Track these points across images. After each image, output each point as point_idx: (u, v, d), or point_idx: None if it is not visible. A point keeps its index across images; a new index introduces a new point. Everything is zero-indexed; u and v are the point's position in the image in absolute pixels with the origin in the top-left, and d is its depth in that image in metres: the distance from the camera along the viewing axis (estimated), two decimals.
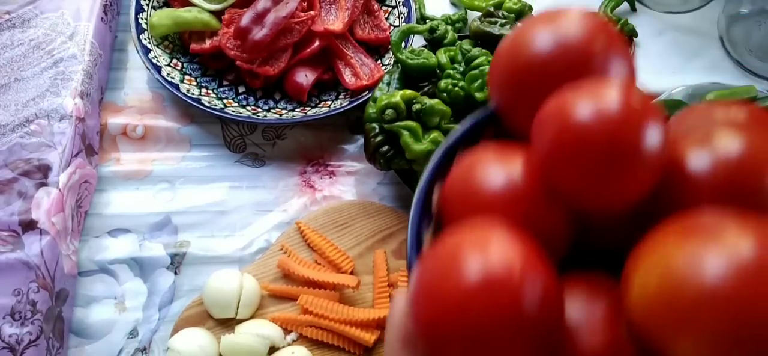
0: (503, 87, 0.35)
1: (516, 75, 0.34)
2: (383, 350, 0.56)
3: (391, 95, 0.59)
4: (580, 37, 0.33)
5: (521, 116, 0.34)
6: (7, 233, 0.54)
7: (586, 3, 0.84)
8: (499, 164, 0.32)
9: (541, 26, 0.34)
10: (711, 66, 0.80)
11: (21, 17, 0.68)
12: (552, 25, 0.34)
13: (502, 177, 0.32)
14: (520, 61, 0.34)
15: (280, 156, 0.69)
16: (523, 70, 0.33)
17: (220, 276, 0.57)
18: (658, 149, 0.28)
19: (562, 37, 0.33)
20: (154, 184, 0.66)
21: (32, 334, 0.52)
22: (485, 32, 0.65)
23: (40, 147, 0.59)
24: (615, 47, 0.33)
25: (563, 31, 0.33)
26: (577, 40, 0.33)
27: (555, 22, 0.34)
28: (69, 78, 0.64)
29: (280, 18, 0.68)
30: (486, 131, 0.38)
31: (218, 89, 0.71)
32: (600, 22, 0.34)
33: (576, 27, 0.33)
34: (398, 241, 0.63)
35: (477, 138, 0.38)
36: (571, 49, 0.32)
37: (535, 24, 0.35)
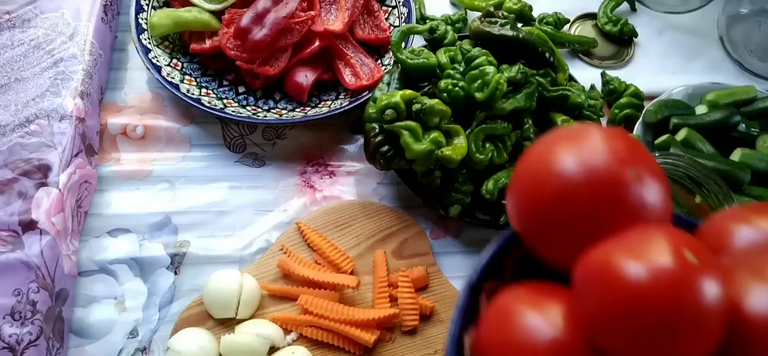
0: (528, 217, 0.33)
1: (542, 206, 0.32)
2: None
3: (391, 95, 0.59)
4: (608, 163, 0.30)
5: (551, 249, 0.32)
6: (7, 233, 0.54)
7: (586, 3, 0.84)
8: (537, 314, 0.30)
9: (564, 149, 0.32)
10: (711, 66, 0.80)
11: (21, 17, 0.68)
12: (576, 147, 0.31)
13: (543, 331, 0.29)
14: (544, 191, 0.31)
15: (280, 156, 0.69)
16: (549, 202, 0.31)
17: (220, 276, 0.57)
18: (719, 304, 0.25)
19: (588, 163, 0.30)
20: (154, 184, 0.66)
21: (32, 334, 0.52)
22: (485, 32, 0.65)
23: (40, 147, 0.59)
24: (647, 171, 0.31)
25: (589, 156, 0.31)
26: (605, 166, 0.30)
27: (579, 144, 0.31)
28: (69, 78, 0.64)
29: (280, 18, 0.68)
30: (510, 254, 0.36)
31: (218, 89, 0.71)
32: (628, 143, 0.31)
33: (603, 150, 0.30)
34: (398, 241, 0.63)
35: (502, 264, 0.36)
36: (600, 178, 0.30)
37: (557, 146, 0.32)
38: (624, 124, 0.73)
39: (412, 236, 0.63)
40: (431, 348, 0.58)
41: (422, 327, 0.58)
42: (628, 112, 0.72)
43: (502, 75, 0.60)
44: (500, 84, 0.60)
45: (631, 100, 0.73)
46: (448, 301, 0.60)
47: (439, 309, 0.59)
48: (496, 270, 0.36)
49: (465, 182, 0.62)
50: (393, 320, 0.58)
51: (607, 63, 0.80)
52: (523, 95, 0.62)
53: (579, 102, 0.65)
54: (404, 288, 0.59)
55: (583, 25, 0.83)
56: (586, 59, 0.80)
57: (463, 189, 0.61)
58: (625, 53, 0.81)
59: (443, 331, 0.58)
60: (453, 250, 0.65)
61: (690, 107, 0.71)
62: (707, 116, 0.69)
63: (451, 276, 0.62)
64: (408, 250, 0.63)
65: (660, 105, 0.70)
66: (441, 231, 0.66)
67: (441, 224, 0.66)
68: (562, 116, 0.64)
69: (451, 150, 0.58)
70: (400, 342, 0.58)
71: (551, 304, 0.30)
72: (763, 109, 0.71)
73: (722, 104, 0.70)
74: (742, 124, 0.69)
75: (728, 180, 0.59)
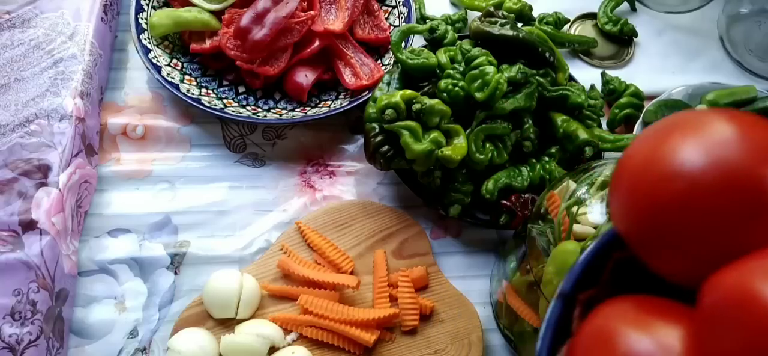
0: (640, 220, 0.28)
1: (659, 209, 0.26)
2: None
3: (391, 95, 0.59)
4: (746, 159, 0.25)
5: (666, 260, 0.27)
6: (7, 233, 0.54)
7: (586, 3, 0.84)
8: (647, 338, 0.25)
9: (687, 139, 0.26)
10: (711, 66, 0.80)
11: (21, 17, 0.68)
12: (703, 138, 0.26)
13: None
14: (663, 190, 0.26)
15: (280, 156, 0.69)
16: (669, 204, 0.26)
17: (220, 276, 0.57)
18: None
19: (721, 159, 0.25)
20: (154, 184, 0.66)
21: (32, 334, 0.52)
22: (485, 32, 0.65)
23: (40, 147, 0.59)
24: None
25: (722, 149, 0.25)
26: (743, 162, 0.25)
27: (706, 134, 0.26)
28: (69, 78, 0.64)
29: (280, 18, 0.68)
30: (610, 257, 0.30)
31: (218, 89, 0.71)
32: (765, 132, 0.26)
33: (739, 143, 0.25)
34: (398, 241, 0.63)
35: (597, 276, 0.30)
36: (736, 178, 0.25)
37: (678, 134, 0.27)
38: (624, 124, 0.73)
39: (412, 236, 0.63)
40: (431, 348, 0.58)
41: (422, 327, 0.58)
42: (628, 112, 0.72)
43: (502, 75, 0.60)
44: (500, 84, 0.60)
45: (631, 100, 0.73)
46: (448, 301, 0.60)
47: (439, 309, 0.59)
48: (592, 278, 0.31)
49: (465, 182, 0.62)
50: (393, 320, 0.58)
51: (607, 63, 0.80)
52: (523, 95, 0.62)
53: (579, 102, 0.65)
54: (404, 288, 0.59)
55: (583, 25, 0.83)
56: (586, 59, 0.80)
57: (463, 189, 0.61)
58: (625, 53, 0.81)
59: (443, 331, 0.58)
60: (453, 250, 0.65)
61: (690, 106, 0.71)
62: None
63: (451, 276, 0.62)
64: (408, 250, 0.63)
65: (660, 105, 0.70)
66: (441, 231, 0.66)
67: (441, 224, 0.66)
68: (562, 116, 0.64)
69: (451, 150, 0.58)
70: (400, 342, 0.58)
71: (665, 327, 0.25)
72: (763, 109, 0.71)
73: (722, 104, 0.70)
74: None
75: None
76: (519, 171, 0.62)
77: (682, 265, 0.27)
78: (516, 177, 0.62)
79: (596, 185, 0.48)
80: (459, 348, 0.58)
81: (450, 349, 0.58)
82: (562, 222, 0.47)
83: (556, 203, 0.49)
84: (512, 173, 0.62)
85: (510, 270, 0.56)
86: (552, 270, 0.46)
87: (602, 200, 0.46)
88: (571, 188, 0.49)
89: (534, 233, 0.50)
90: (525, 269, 0.51)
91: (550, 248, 0.47)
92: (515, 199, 0.60)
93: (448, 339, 0.58)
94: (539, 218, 0.50)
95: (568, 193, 0.49)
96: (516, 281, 0.54)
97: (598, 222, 0.45)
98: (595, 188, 0.48)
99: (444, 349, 0.58)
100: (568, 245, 0.45)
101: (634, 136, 0.66)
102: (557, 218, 0.47)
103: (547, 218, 0.49)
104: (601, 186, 0.47)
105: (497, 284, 0.60)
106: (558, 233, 0.47)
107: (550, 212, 0.49)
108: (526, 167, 0.63)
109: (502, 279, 0.58)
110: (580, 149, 0.63)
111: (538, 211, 0.51)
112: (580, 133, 0.63)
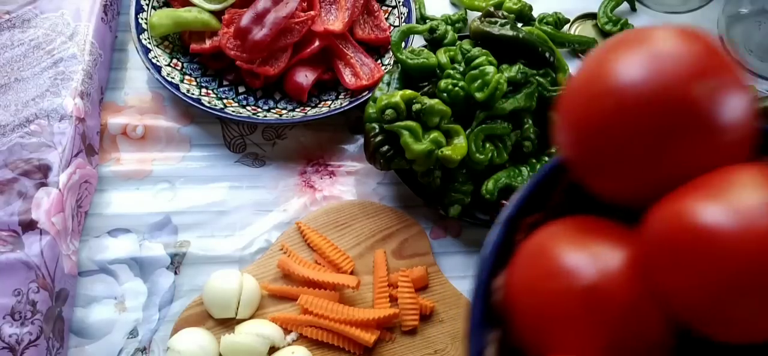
0: (578, 141, 0.27)
1: (595, 127, 0.26)
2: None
3: (391, 95, 0.59)
4: (676, 74, 0.25)
5: (606, 179, 0.27)
6: (7, 233, 0.54)
7: (586, 3, 0.84)
8: (581, 253, 0.25)
9: (625, 56, 0.26)
10: None
11: (21, 17, 0.68)
12: (640, 54, 0.25)
13: (585, 272, 0.24)
14: (598, 108, 0.26)
15: (280, 156, 0.69)
16: (604, 122, 0.26)
17: (220, 276, 0.57)
18: None
19: (653, 75, 0.25)
20: (154, 184, 0.66)
21: (32, 334, 0.52)
22: (485, 32, 0.65)
23: (40, 147, 0.59)
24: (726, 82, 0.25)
25: (656, 65, 0.25)
26: (673, 78, 0.25)
27: (644, 50, 0.25)
28: (69, 78, 0.64)
29: (280, 18, 0.68)
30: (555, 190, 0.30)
31: (218, 89, 0.71)
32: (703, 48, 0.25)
33: (671, 58, 0.25)
34: (398, 241, 0.63)
35: (544, 200, 0.30)
36: (666, 94, 0.24)
37: (618, 51, 0.26)
38: None
39: (412, 236, 0.63)
40: (431, 348, 0.58)
41: (422, 327, 0.58)
42: None
43: (502, 75, 0.60)
44: (500, 84, 0.60)
45: None
46: (448, 301, 0.60)
47: (439, 309, 0.59)
48: (540, 203, 0.30)
49: (465, 182, 0.62)
50: (393, 320, 0.58)
51: None
52: (523, 95, 0.62)
53: None
54: (404, 288, 0.59)
55: (583, 25, 0.83)
56: None
57: (463, 189, 0.61)
58: None
59: (443, 331, 0.58)
60: (453, 250, 0.65)
61: None
62: None
63: (451, 276, 0.62)
64: (408, 250, 0.63)
65: None
66: (441, 231, 0.66)
67: (441, 224, 0.66)
68: None
69: (451, 150, 0.58)
70: (400, 342, 0.58)
71: (603, 244, 0.25)
72: (763, 109, 0.71)
73: None
74: None
75: None
76: (519, 171, 0.62)
77: (622, 188, 0.26)
78: (516, 177, 0.62)
79: None
80: (459, 348, 0.58)
81: (450, 349, 0.58)
82: None
83: None
84: (512, 173, 0.62)
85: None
86: None
87: None
88: None
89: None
90: None
91: None
92: None
93: (448, 339, 0.58)
94: None
95: None
96: None
97: None
98: None
99: (444, 349, 0.58)
100: None
101: None
102: None
103: None
104: None
105: None
106: None
107: None
108: (526, 167, 0.63)
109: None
110: None
111: None
112: None
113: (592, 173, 0.27)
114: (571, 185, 0.29)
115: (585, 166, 0.27)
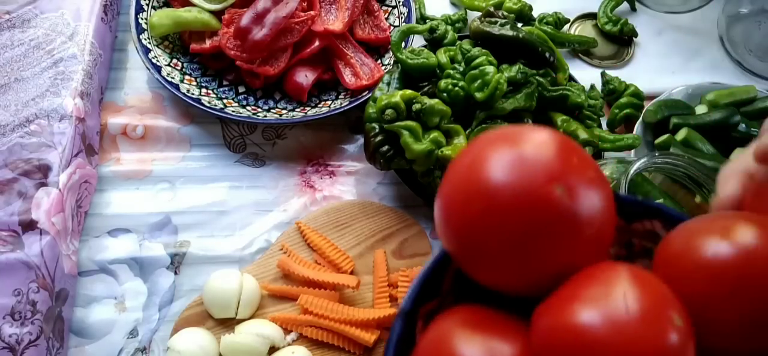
0: (458, 234, 0.29)
1: (473, 223, 0.28)
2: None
3: (391, 95, 0.59)
4: (534, 177, 0.27)
5: (485, 273, 0.29)
6: (7, 233, 0.54)
7: (586, 3, 0.84)
8: (481, 350, 0.27)
9: (497, 154, 0.28)
10: (711, 66, 0.80)
11: (21, 17, 0.68)
12: (504, 156, 0.28)
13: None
14: (475, 205, 0.28)
15: (280, 156, 0.69)
16: (481, 219, 0.27)
17: (220, 276, 0.57)
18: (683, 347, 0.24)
19: (515, 177, 0.27)
20: (154, 184, 0.66)
21: (32, 334, 0.52)
22: (485, 32, 0.65)
23: (40, 147, 0.59)
24: (579, 182, 0.27)
25: (517, 168, 0.27)
26: (531, 181, 0.27)
27: (508, 152, 0.28)
28: (69, 78, 0.64)
29: (280, 18, 0.68)
30: (445, 277, 0.32)
31: (218, 89, 0.71)
32: (560, 149, 0.28)
33: (530, 161, 0.27)
34: (398, 241, 0.63)
35: (438, 287, 0.32)
36: (526, 195, 0.27)
37: (492, 150, 0.28)
38: (624, 124, 0.73)
39: (412, 236, 0.63)
40: None
41: None
42: (628, 112, 0.72)
43: (502, 75, 0.60)
44: (500, 84, 0.60)
45: (631, 100, 0.72)
46: None
47: None
48: (434, 290, 0.32)
49: None
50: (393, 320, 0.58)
51: (607, 63, 0.80)
52: (523, 95, 0.62)
53: (579, 102, 0.65)
54: (404, 288, 0.59)
55: (583, 25, 0.83)
56: (586, 59, 0.80)
57: None
58: (625, 53, 0.81)
59: None
60: None
61: (690, 106, 0.71)
62: (707, 116, 0.69)
63: None
64: (408, 250, 0.63)
65: (660, 105, 0.70)
66: None
67: None
68: (562, 116, 0.64)
69: (451, 150, 0.58)
70: None
71: (496, 339, 0.27)
72: (763, 109, 0.71)
73: (722, 104, 0.70)
74: (742, 124, 0.69)
75: None
76: None
77: (500, 280, 0.28)
78: None
79: None
80: None
81: None
82: None
83: None
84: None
85: None
86: None
87: None
88: None
89: None
90: None
91: None
92: None
93: None
94: None
95: None
96: None
97: None
98: None
99: None
100: None
101: (634, 134, 0.66)
102: None
103: None
104: None
105: None
106: None
107: None
108: None
109: None
110: None
111: None
112: (580, 133, 0.63)
113: (472, 266, 0.29)
114: (458, 272, 0.31)
115: (464, 260, 0.30)
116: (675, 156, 0.58)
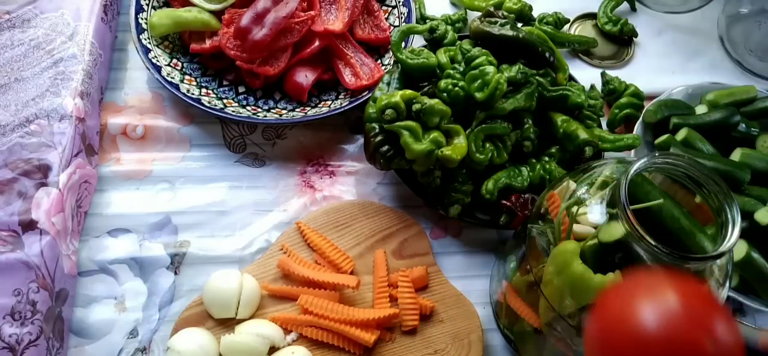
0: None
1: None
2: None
3: (391, 95, 0.59)
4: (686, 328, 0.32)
5: None
6: (7, 233, 0.54)
7: (586, 3, 0.84)
8: None
9: (642, 306, 0.33)
10: (711, 66, 0.80)
11: (21, 17, 0.68)
12: (654, 306, 0.33)
13: None
14: (624, 350, 0.33)
15: (280, 156, 0.69)
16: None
17: (220, 276, 0.57)
18: None
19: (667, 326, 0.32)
20: (154, 184, 0.66)
21: (32, 334, 0.52)
22: (485, 32, 0.65)
23: (40, 147, 0.59)
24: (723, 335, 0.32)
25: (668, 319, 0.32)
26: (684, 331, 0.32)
27: (660, 300, 0.33)
28: (69, 78, 0.64)
29: (280, 18, 0.68)
30: None
31: (218, 89, 0.71)
32: (703, 303, 0.34)
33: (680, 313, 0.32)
34: (398, 241, 0.63)
35: None
36: (679, 345, 0.32)
37: (638, 300, 0.34)
38: (624, 124, 0.73)
39: (412, 236, 0.63)
40: (431, 348, 0.58)
41: (422, 327, 0.58)
42: (628, 112, 0.72)
43: (502, 75, 0.60)
44: (500, 84, 0.60)
45: (631, 100, 0.73)
46: (448, 301, 0.60)
47: (439, 309, 0.59)
48: None
49: (465, 182, 0.62)
50: (393, 320, 0.58)
51: (607, 63, 0.80)
52: (523, 95, 0.62)
53: (579, 102, 0.65)
54: (404, 288, 0.59)
55: (583, 25, 0.83)
56: (586, 59, 0.80)
57: (463, 189, 0.61)
58: (625, 53, 0.81)
59: (443, 331, 0.58)
60: (453, 250, 0.65)
61: (690, 106, 0.71)
62: (707, 116, 0.69)
63: (451, 276, 0.62)
64: (408, 250, 0.63)
65: (660, 105, 0.70)
66: (441, 231, 0.66)
67: (441, 224, 0.66)
68: (562, 116, 0.64)
69: (451, 150, 0.58)
70: (400, 342, 0.58)
71: None
72: (763, 109, 0.71)
73: (722, 104, 0.70)
74: (742, 124, 0.69)
75: (728, 180, 0.59)
76: (519, 171, 0.62)
77: None
78: (516, 177, 0.62)
79: (596, 185, 0.48)
80: (459, 348, 0.58)
81: (450, 349, 0.58)
82: (562, 222, 0.47)
83: (556, 203, 0.49)
84: (512, 173, 0.62)
85: (510, 270, 0.56)
86: (552, 270, 0.46)
87: (602, 200, 0.46)
88: (571, 188, 0.49)
89: (534, 233, 0.50)
90: (525, 269, 0.51)
91: (550, 248, 0.47)
92: (515, 199, 0.60)
93: (448, 339, 0.58)
94: (539, 218, 0.50)
95: (568, 193, 0.48)
96: (516, 281, 0.54)
97: (597, 222, 0.45)
98: (595, 188, 0.47)
99: (444, 349, 0.58)
100: (568, 245, 0.45)
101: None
102: (557, 218, 0.47)
103: (547, 218, 0.49)
104: (600, 186, 0.47)
105: (497, 284, 0.60)
106: (558, 233, 0.47)
107: (550, 212, 0.49)
108: (526, 167, 0.63)
109: (502, 279, 0.58)
110: (580, 149, 0.63)
111: (538, 211, 0.51)
112: (580, 133, 0.63)
113: None
114: None
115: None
116: (675, 156, 0.58)
